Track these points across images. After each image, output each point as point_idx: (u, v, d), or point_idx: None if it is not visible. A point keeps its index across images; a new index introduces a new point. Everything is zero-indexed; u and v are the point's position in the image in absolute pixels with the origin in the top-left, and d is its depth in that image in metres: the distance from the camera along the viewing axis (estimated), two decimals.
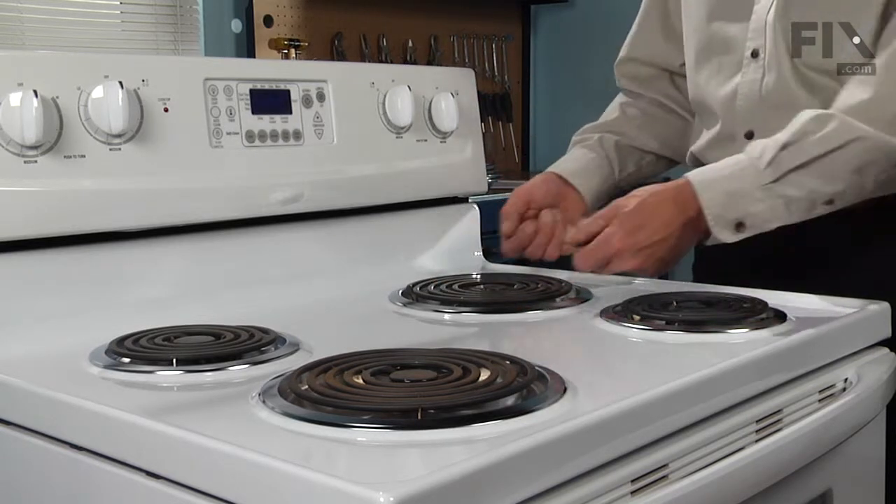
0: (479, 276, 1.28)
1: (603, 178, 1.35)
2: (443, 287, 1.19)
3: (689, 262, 1.46)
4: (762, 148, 1.08)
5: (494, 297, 1.16)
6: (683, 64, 1.34)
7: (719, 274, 1.27)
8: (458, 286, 1.19)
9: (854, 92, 1.09)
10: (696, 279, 1.37)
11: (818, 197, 1.06)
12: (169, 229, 1.09)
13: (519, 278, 1.24)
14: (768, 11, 1.16)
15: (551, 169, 1.34)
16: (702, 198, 1.07)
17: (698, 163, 1.32)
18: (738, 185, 1.07)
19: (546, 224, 1.27)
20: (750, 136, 1.19)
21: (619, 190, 1.34)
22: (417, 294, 1.15)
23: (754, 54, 1.18)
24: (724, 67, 1.23)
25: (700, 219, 1.08)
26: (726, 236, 1.08)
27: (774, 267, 1.24)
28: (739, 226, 1.07)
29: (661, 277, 1.20)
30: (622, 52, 1.44)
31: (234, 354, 0.88)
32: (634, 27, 1.43)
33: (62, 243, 1.01)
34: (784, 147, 1.06)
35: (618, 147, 1.38)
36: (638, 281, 1.27)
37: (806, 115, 1.08)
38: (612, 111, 1.45)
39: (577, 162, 1.35)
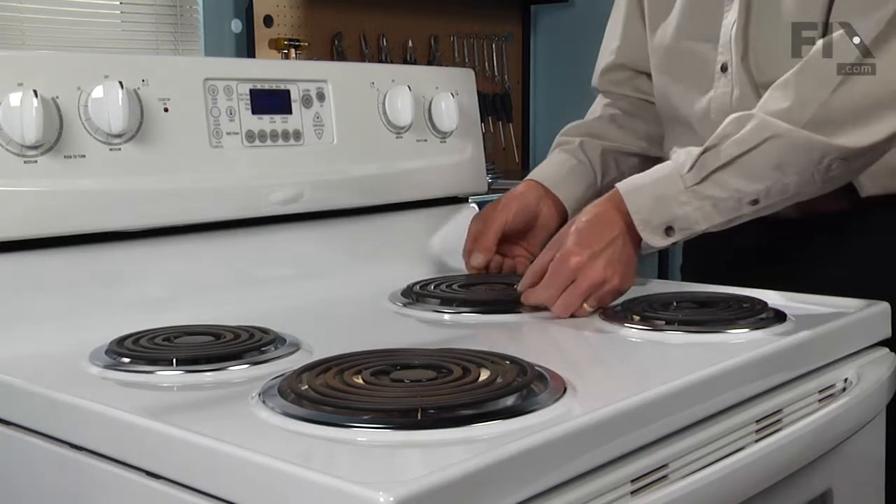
0: (479, 277, 1.28)
1: (586, 185, 1.34)
2: (443, 287, 1.18)
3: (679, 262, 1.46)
4: (686, 153, 1.09)
5: (494, 297, 1.16)
6: None
7: (706, 273, 1.27)
8: (458, 286, 1.19)
9: (773, 95, 1.09)
10: (685, 279, 1.37)
11: (743, 196, 1.06)
12: (169, 229, 1.09)
13: (519, 278, 1.23)
14: (732, 27, 1.18)
15: (532, 176, 1.33)
16: (629, 203, 1.07)
17: None
18: (664, 189, 1.07)
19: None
20: None
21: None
22: (417, 294, 1.15)
23: (723, 68, 1.20)
24: (698, 83, 1.24)
25: (633, 224, 1.07)
26: (657, 241, 1.08)
27: (762, 267, 1.24)
28: (668, 230, 1.07)
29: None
30: (609, 59, 1.42)
31: (234, 354, 0.88)
32: (618, 36, 1.42)
33: (62, 243, 1.01)
34: (706, 150, 1.07)
35: (602, 152, 1.37)
36: (638, 281, 1.27)
37: (730, 118, 1.09)
38: (594, 111, 1.44)
39: (560, 168, 1.34)
